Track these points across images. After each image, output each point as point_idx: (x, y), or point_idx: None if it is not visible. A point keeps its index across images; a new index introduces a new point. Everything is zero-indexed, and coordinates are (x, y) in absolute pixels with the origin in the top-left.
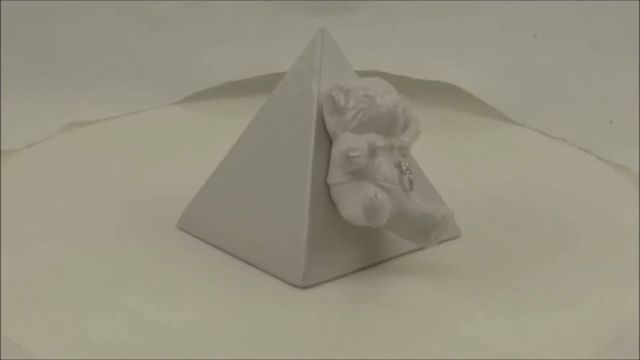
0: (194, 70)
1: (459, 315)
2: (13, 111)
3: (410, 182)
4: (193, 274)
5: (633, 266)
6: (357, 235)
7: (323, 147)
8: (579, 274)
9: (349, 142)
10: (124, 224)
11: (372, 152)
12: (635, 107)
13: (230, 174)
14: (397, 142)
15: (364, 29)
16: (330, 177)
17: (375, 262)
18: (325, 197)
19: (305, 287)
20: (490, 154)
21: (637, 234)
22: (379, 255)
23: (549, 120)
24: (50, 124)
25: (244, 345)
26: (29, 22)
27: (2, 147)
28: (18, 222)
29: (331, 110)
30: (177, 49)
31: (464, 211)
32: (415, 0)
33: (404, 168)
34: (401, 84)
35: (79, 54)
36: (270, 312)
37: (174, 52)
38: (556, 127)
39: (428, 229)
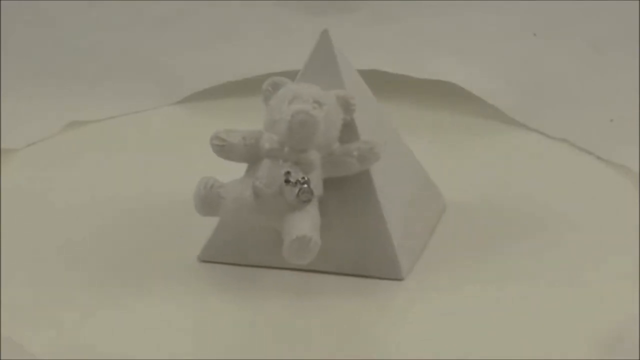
0: (194, 70)
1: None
2: (13, 110)
3: (298, 195)
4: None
5: (633, 266)
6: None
7: None
8: (579, 274)
9: (221, 131)
10: (124, 223)
11: (265, 152)
12: (636, 107)
13: None
14: (294, 151)
15: (364, 28)
16: None
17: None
18: None
19: (202, 261)
20: (490, 154)
21: (637, 234)
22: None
23: (549, 120)
24: (51, 124)
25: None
26: (29, 22)
27: (2, 146)
28: (18, 221)
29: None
30: (177, 49)
31: (462, 211)
32: (416, 0)
33: (292, 179)
34: (401, 83)
35: (79, 53)
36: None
37: (174, 52)
38: (556, 126)
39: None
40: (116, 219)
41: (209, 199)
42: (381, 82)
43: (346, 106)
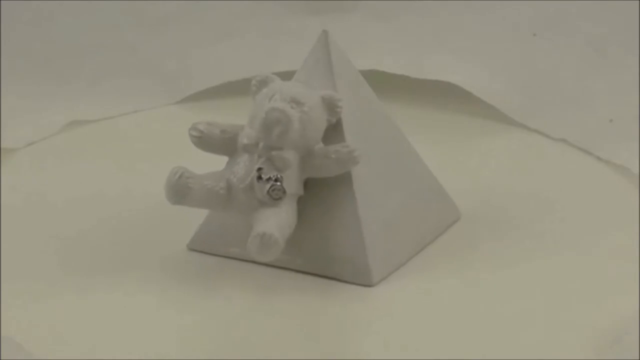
0: (194, 70)
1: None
2: (13, 110)
3: (270, 194)
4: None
5: (633, 266)
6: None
7: None
8: (579, 275)
9: (200, 123)
10: (125, 223)
11: (242, 147)
12: (636, 108)
13: None
14: (268, 148)
15: (363, 28)
16: None
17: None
18: None
19: (190, 250)
20: (490, 154)
21: (637, 234)
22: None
23: (549, 120)
24: (51, 123)
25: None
26: (28, 21)
27: (2, 146)
28: (18, 220)
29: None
30: (177, 49)
31: (463, 213)
32: (416, 0)
33: (264, 176)
34: (401, 83)
35: (79, 53)
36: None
37: (174, 52)
38: (556, 127)
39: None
40: (116, 217)
41: (176, 188)
42: (381, 82)
43: (331, 108)
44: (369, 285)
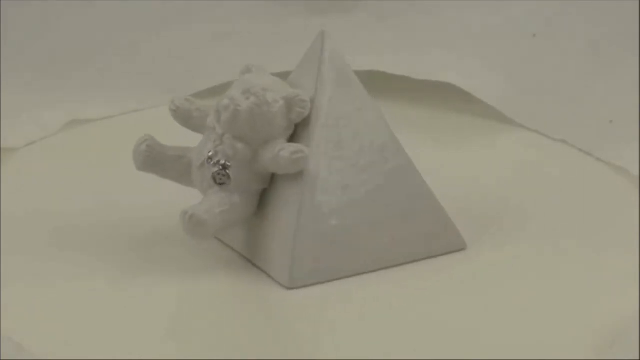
0: (194, 70)
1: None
2: (13, 109)
3: (214, 177)
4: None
5: (633, 267)
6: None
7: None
8: (580, 275)
9: (179, 97)
10: (125, 222)
11: (207, 128)
12: (635, 109)
13: None
14: (219, 132)
15: (363, 28)
16: None
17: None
18: None
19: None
20: (489, 155)
21: (637, 235)
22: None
23: (549, 121)
24: (51, 122)
25: None
26: (29, 21)
27: (2, 146)
28: (18, 220)
29: None
30: (177, 49)
31: (463, 213)
32: (415, 0)
33: (214, 159)
34: (401, 83)
35: (79, 53)
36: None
37: (174, 52)
38: (555, 127)
39: None
40: (117, 218)
41: (135, 154)
42: (381, 82)
43: (291, 107)
44: (288, 287)
